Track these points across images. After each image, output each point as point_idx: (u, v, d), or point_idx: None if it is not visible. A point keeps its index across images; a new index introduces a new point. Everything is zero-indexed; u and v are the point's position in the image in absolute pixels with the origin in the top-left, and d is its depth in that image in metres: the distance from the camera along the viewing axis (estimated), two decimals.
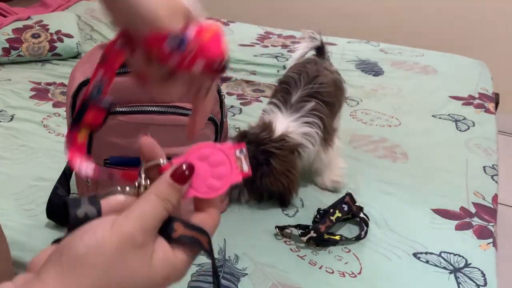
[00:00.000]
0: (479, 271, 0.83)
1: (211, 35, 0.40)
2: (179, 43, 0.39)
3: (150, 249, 0.31)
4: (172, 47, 0.39)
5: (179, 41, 0.39)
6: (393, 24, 2.44)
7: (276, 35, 1.96)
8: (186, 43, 0.39)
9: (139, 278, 0.31)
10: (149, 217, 0.32)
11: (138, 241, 0.31)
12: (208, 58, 0.39)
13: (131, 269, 0.30)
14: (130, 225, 0.31)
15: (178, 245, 0.33)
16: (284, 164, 0.92)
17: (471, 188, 1.05)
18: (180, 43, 0.39)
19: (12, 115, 1.28)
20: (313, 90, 1.02)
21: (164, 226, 0.33)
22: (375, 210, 0.96)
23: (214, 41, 0.40)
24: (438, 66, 1.70)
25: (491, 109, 1.42)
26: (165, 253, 0.32)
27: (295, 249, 0.86)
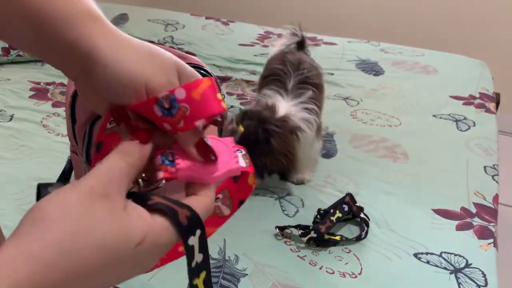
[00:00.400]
0: (480, 272, 0.82)
1: (203, 90, 0.36)
2: (169, 107, 0.35)
3: (117, 201, 0.30)
4: (163, 112, 0.35)
5: (168, 104, 0.35)
6: (393, 23, 2.44)
7: (276, 34, 1.96)
8: (177, 105, 0.35)
9: (108, 228, 0.29)
10: (106, 169, 0.31)
11: (98, 191, 0.29)
12: (204, 117, 0.35)
13: (97, 218, 0.28)
14: (88, 179, 0.30)
15: (155, 211, 0.31)
16: (283, 144, 0.94)
17: (472, 188, 1.05)
18: (171, 106, 0.35)
19: (11, 115, 1.27)
20: (303, 76, 1.06)
21: (140, 196, 0.32)
22: (375, 210, 0.96)
23: (207, 97, 0.36)
24: (438, 66, 1.69)
25: (491, 109, 1.41)
26: (139, 212, 0.31)
27: (295, 249, 0.86)
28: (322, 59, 1.70)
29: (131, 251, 0.29)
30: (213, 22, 2.03)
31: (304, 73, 1.06)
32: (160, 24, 1.97)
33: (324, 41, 1.88)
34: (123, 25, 1.91)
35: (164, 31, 1.89)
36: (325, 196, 1.00)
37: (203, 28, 1.95)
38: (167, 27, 1.94)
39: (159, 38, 1.82)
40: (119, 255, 0.29)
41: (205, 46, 1.76)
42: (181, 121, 0.35)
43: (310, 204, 0.97)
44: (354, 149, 1.19)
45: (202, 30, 1.93)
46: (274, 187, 1.02)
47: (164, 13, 2.10)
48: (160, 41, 1.80)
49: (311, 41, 1.87)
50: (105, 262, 0.28)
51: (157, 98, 0.35)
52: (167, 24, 1.97)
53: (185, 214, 0.32)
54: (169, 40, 1.81)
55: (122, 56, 0.35)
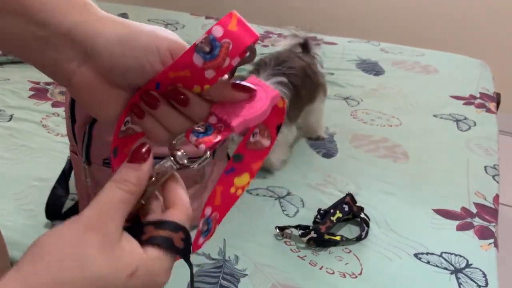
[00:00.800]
0: (480, 272, 0.82)
1: (237, 20, 0.35)
2: (210, 48, 0.34)
3: (110, 234, 0.30)
4: (205, 58, 0.34)
5: (209, 45, 0.34)
6: (393, 23, 2.44)
7: (276, 34, 1.96)
8: (218, 43, 0.34)
9: (98, 262, 0.29)
10: (103, 201, 0.31)
11: (93, 225, 0.30)
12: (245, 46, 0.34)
13: (88, 252, 0.29)
14: (86, 213, 0.30)
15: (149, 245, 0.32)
16: None
17: (472, 188, 1.05)
18: (212, 47, 0.34)
19: (11, 115, 1.27)
20: (281, 72, 1.04)
21: (134, 230, 0.32)
22: (375, 211, 0.95)
23: (243, 26, 0.35)
24: (439, 65, 1.69)
25: (492, 109, 1.41)
26: (133, 246, 0.31)
27: (295, 249, 0.86)
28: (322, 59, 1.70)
29: (122, 282, 0.30)
30: (213, 21, 2.02)
31: (282, 69, 1.04)
32: (160, 23, 1.97)
33: (325, 41, 1.88)
34: None
35: None
36: (325, 196, 1.00)
37: (203, 28, 1.94)
38: (167, 26, 1.94)
39: None
40: (110, 286, 0.29)
41: None
42: (226, 59, 0.34)
43: (310, 204, 0.97)
44: (354, 149, 1.19)
45: (202, 30, 1.92)
46: (274, 187, 1.02)
47: (164, 13, 2.10)
48: None
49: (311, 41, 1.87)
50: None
51: (196, 45, 0.34)
52: (167, 23, 1.97)
53: (180, 237, 0.32)
54: None
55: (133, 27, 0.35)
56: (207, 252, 0.83)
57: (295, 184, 1.03)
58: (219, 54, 0.34)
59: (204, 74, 0.34)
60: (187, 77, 0.35)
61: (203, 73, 0.34)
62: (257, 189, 1.01)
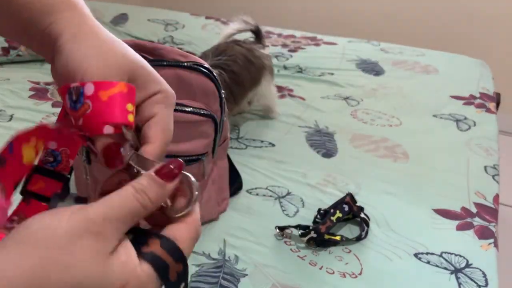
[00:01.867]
0: (480, 272, 0.82)
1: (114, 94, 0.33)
2: (75, 99, 0.33)
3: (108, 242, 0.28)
4: (70, 104, 0.33)
5: (76, 96, 0.33)
6: (393, 23, 2.44)
7: (276, 34, 1.96)
8: (82, 100, 0.33)
9: (86, 269, 0.27)
10: (115, 206, 0.29)
11: (94, 228, 0.27)
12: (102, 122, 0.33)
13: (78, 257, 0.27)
14: (93, 211, 0.28)
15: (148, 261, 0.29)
16: None
17: (472, 188, 1.05)
18: (77, 100, 0.33)
19: (11, 115, 1.27)
20: (220, 62, 1.07)
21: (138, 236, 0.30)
22: (376, 210, 0.95)
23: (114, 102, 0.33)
24: (439, 65, 1.69)
25: (492, 109, 1.41)
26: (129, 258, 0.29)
27: (295, 249, 0.86)
28: (322, 59, 1.70)
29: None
30: (213, 21, 2.02)
31: (222, 59, 1.07)
32: (160, 24, 1.97)
33: (324, 41, 1.88)
34: (123, 25, 1.91)
35: (164, 31, 1.89)
36: (325, 196, 1.00)
37: (203, 28, 1.94)
38: (167, 26, 1.94)
39: (159, 38, 1.82)
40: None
41: (205, 46, 1.76)
42: (81, 118, 0.33)
43: (310, 204, 0.97)
44: (354, 148, 1.19)
45: (202, 30, 1.92)
46: (274, 187, 1.02)
47: (164, 13, 2.09)
48: (160, 41, 1.80)
49: (311, 41, 1.87)
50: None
51: (69, 87, 0.33)
52: (167, 24, 1.97)
53: (176, 270, 0.30)
54: (169, 39, 1.81)
55: (77, 46, 0.34)
56: (207, 252, 0.83)
57: (295, 184, 1.03)
58: (78, 110, 0.33)
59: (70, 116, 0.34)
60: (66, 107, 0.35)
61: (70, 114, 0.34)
62: (257, 189, 1.01)
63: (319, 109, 1.38)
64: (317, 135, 1.24)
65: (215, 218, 0.91)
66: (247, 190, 1.00)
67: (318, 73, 1.60)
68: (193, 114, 0.79)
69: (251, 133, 1.23)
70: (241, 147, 1.16)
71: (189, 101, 0.80)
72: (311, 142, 1.21)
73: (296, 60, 1.70)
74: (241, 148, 1.16)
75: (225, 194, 0.94)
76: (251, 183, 1.02)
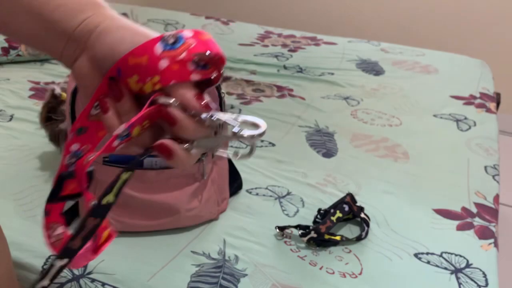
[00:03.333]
0: (481, 272, 0.82)
1: (210, 37, 0.37)
2: (174, 41, 0.35)
3: None
4: (165, 47, 0.35)
5: (175, 39, 0.35)
6: (394, 23, 2.44)
7: (276, 34, 1.96)
8: (183, 40, 0.35)
9: None
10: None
11: None
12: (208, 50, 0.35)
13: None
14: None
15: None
16: None
17: (472, 188, 1.05)
18: (176, 40, 0.35)
19: (11, 115, 1.27)
20: None
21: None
22: (376, 210, 0.95)
23: (213, 41, 0.36)
24: (439, 65, 1.69)
25: (492, 109, 1.41)
26: None
27: (295, 249, 0.85)
28: (323, 59, 1.70)
29: None
30: (213, 21, 2.02)
31: None
32: (160, 23, 1.97)
33: (324, 41, 1.88)
34: None
35: (164, 31, 1.89)
36: (326, 196, 0.99)
37: (203, 28, 1.94)
38: (167, 26, 1.94)
39: None
40: None
41: None
42: (184, 52, 0.34)
43: (310, 204, 0.97)
44: (354, 148, 1.19)
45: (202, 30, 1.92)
46: (274, 187, 1.02)
47: (164, 13, 2.09)
48: None
49: (311, 41, 1.87)
50: None
51: (163, 35, 0.35)
52: (166, 23, 1.97)
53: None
54: None
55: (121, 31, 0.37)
56: (207, 252, 0.83)
57: (295, 183, 1.03)
58: (179, 47, 0.34)
59: (158, 63, 0.35)
60: (142, 65, 0.35)
61: (157, 62, 0.35)
62: (257, 188, 1.01)
63: (319, 109, 1.38)
64: (317, 135, 1.24)
65: (215, 218, 0.91)
66: (247, 190, 1.00)
67: (318, 73, 1.60)
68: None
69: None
70: (242, 147, 1.16)
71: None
72: (311, 142, 1.21)
73: (296, 60, 1.70)
74: (241, 148, 1.16)
75: (225, 194, 0.94)
76: (251, 183, 1.02)
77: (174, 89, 0.35)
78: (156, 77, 0.35)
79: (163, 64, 0.34)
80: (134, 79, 0.36)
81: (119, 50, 0.36)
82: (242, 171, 1.02)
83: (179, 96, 0.35)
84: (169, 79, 0.35)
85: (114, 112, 0.37)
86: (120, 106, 0.37)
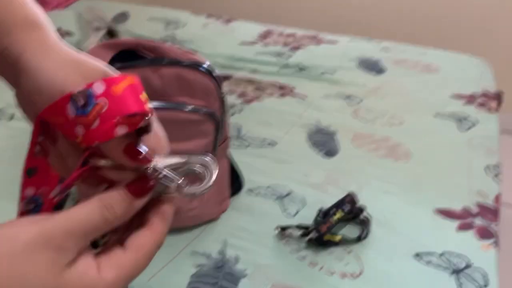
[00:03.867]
0: (481, 272, 0.82)
1: (127, 86, 0.31)
2: (84, 103, 0.30)
3: (67, 255, 0.27)
4: (77, 111, 0.30)
5: (84, 99, 0.30)
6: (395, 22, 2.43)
7: (277, 33, 1.95)
8: (94, 100, 0.30)
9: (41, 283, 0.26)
10: (79, 219, 0.28)
11: (53, 239, 0.27)
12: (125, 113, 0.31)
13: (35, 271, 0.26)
14: (54, 223, 0.27)
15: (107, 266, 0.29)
16: None
17: (473, 187, 1.05)
18: (86, 103, 0.30)
19: (12, 114, 1.27)
20: None
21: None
22: (376, 210, 0.95)
23: (130, 94, 0.31)
24: (440, 64, 1.69)
25: (493, 108, 1.41)
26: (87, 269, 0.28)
27: (295, 249, 0.85)
28: (323, 58, 1.70)
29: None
30: (214, 20, 2.02)
31: None
32: (161, 22, 1.96)
33: (325, 40, 1.87)
34: (123, 24, 1.91)
35: (165, 30, 1.89)
36: (326, 196, 0.99)
37: (204, 27, 1.94)
38: (168, 25, 1.93)
39: (160, 37, 1.82)
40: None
41: (206, 45, 1.76)
42: (96, 119, 0.30)
43: (310, 204, 0.97)
44: (355, 148, 1.19)
45: (203, 29, 1.92)
46: (274, 187, 1.02)
47: (165, 12, 2.09)
48: (161, 40, 1.80)
49: (312, 40, 1.86)
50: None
51: (71, 94, 0.30)
52: (167, 22, 1.96)
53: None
54: (169, 38, 1.81)
55: (45, 63, 0.33)
56: (207, 252, 0.83)
57: (296, 183, 1.03)
58: (90, 113, 0.30)
59: (74, 128, 0.31)
60: (62, 124, 0.32)
61: (73, 127, 0.31)
62: (257, 188, 1.01)
63: (320, 108, 1.37)
64: (318, 134, 1.24)
65: (216, 218, 0.91)
66: (247, 189, 1.00)
67: (319, 72, 1.60)
68: (193, 113, 0.79)
69: (251, 132, 1.23)
70: (242, 146, 1.16)
71: (189, 100, 0.79)
72: (312, 142, 1.21)
73: (297, 59, 1.69)
74: (241, 147, 1.16)
75: (226, 194, 0.94)
76: (252, 183, 1.02)
77: (102, 147, 0.32)
78: (79, 138, 0.32)
79: (80, 132, 0.31)
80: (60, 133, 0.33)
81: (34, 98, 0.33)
82: (243, 171, 1.02)
83: (109, 153, 0.32)
84: (91, 140, 0.31)
85: (55, 155, 0.35)
86: (59, 148, 0.34)
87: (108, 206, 0.29)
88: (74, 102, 0.30)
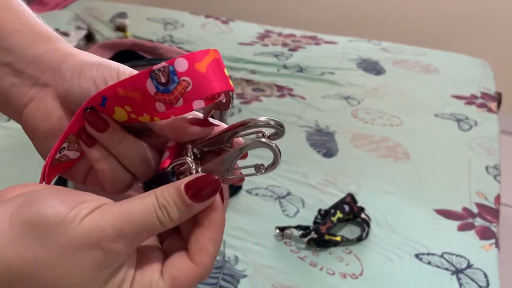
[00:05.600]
0: (481, 272, 0.82)
1: (210, 62, 0.29)
2: (166, 80, 0.29)
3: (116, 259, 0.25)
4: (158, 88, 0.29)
5: (167, 76, 0.29)
6: (394, 23, 2.43)
7: (276, 33, 1.95)
8: (177, 79, 0.28)
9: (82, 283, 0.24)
10: (134, 220, 0.25)
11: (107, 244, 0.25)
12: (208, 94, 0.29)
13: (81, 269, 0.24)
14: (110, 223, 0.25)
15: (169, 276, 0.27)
16: None
17: (474, 188, 1.04)
18: (168, 80, 0.29)
19: None
20: None
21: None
22: (376, 211, 0.95)
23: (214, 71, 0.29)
24: (440, 65, 1.69)
25: (493, 109, 1.41)
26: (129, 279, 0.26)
27: (295, 250, 0.85)
28: (323, 58, 1.70)
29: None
30: (213, 21, 2.02)
31: None
32: (159, 23, 1.96)
33: (325, 40, 1.87)
34: None
35: (163, 30, 1.88)
36: (326, 196, 0.99)
37: (203, 27, 1.94)
38: (166, 26, 1.93)
39: (158, 37, 1.82)
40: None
41: (204, 45, 1.75)
42: (180, 99, 0.29)
43: (310, 204, 0.97)
44: (355, 148, 1.18)
45: (201, 29, 1.92)
46: (274, 187, 1.01)
47: (163, 12, 2.09)
48: (159, 40, 1.80)
49: (311, 40, 1.86)
50: None
51: (152, 70, 0.29)
52: (166, 23, 1.96)
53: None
54: (168, 39, 1.81)
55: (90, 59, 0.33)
56: None
57: (295, 184, 1.03)
58: (173, 91, 0.29)
59: (155, 104, 0.29)
60: (136, 100, 0.30)
61: (154, 103, 0.29)
62: (257, 189, 1.00)
63: (320, 108, 1.37)
64: (318, 134, 1.24)
65: None
66: (247, 190, 1.00)
67: (319, 73, 1.60)
68: None
69: None
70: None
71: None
72: (311, 142, 1.20)
73: (297, 59, 1.69)
74: None
75: (225, 194, 0.93)
76: (251, 183, 1.01)
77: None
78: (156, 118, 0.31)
79: (160, 108, 0.29)
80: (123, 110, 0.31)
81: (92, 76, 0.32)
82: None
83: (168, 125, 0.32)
84: (168, 116, 0.31)
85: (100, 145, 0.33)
86: (106, 137, 0.32)
87: (163, 207, 0.26)
88: (154, 78, 0.29)
